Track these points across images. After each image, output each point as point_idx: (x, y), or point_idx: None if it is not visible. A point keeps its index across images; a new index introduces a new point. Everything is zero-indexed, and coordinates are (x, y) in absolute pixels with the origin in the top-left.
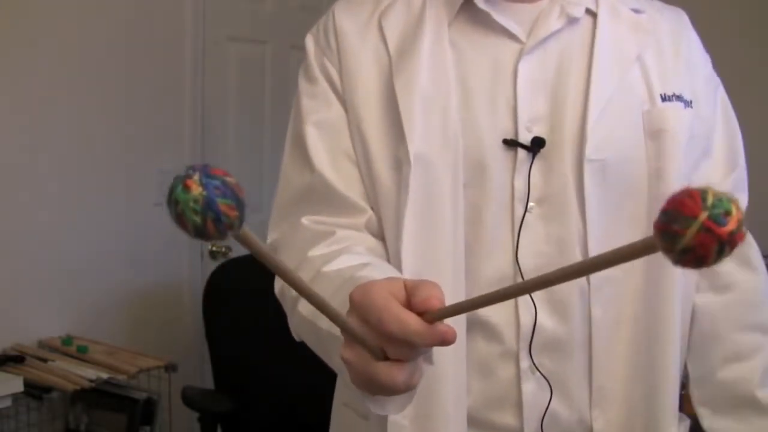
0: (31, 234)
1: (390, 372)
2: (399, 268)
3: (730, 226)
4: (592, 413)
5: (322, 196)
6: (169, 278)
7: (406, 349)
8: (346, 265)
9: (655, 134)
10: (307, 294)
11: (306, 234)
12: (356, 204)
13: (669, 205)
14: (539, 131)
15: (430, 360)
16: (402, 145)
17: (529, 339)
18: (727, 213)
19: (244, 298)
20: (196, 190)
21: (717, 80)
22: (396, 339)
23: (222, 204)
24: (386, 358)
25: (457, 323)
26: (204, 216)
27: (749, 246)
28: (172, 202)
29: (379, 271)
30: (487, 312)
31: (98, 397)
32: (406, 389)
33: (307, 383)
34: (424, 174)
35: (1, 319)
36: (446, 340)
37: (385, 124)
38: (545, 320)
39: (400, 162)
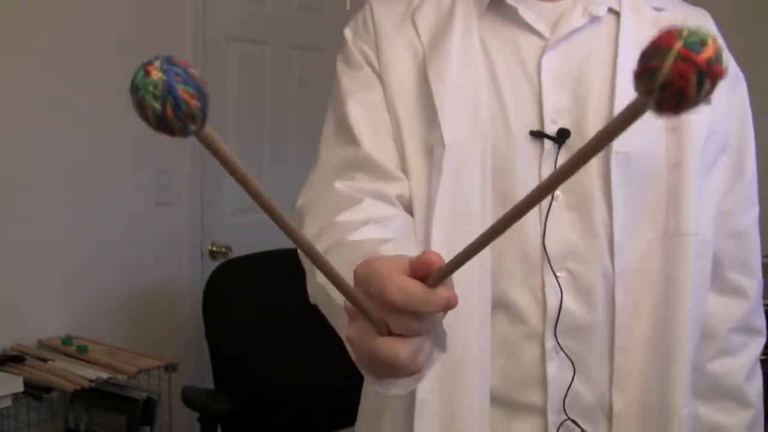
0: (31, 234)
1: (392, 346)
2: (428, 248)
3: (707, 53)
4: (612, 394)
5: (361, 166)
6: (169, 278)
7: (410, 320)
8: (370, 237)
9: (675, 129)
10: (306, 249)
11: (336, 197)
12: (393, 172)
13: (647, 45)
14: (564, 123)
15: (443, 347)
16: (435, 130)
17: (555, 321)
18: (703, 42)
19: (243, 298)
20: (156, 75)
21: (740, 75)
22: (399, 308)
23: (182, 90)
24: (390, 334)
25: (482, 304)
26: (164, 101)
27: (751, 253)
28: (133, 87)
29: (401, 248)
30: (513, 295)
31: (98, 397)
32: (409, 368)
33: (307, 383)
34: (455, 159)
35: (1, 319)
36: (449, 305)
37: (418, 111)
38: (570, 304)
39: (431, 147)
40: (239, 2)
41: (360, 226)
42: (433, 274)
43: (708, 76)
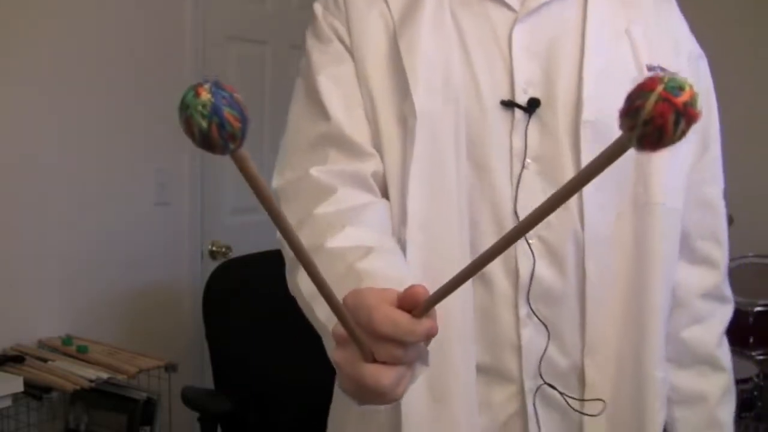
0: (31, 234)
1: (377, 373)
2: (404, 219)
3: (684, 97)
4: (584, 360)
5: (333, 141)
6: (169, 278)
7: (395, 349)
8: (350, 245)
9: None
10: (303, 259)
11: (311, 186)
12: (366, 149)
13: (632, 90)
14: (534, 93)
15: (426, 361)
16: (407, 100)
17: (527, 288)
18: (681, 88)
19: (243, 298)
20: (205, 96)
21: (700, 53)
22: (386, 337)
23: (228, 112)
24: (375, 361)
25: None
26: (210, 120)
27: (718, 223)
28: (183, 106)
29: (382, 260)
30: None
31: (98, 397)
32: (392, 395)
33: (307, 383)
34: (428, 127)
35: (1, 319)
36: (431, 334)
37: (391, 82)
38: (542, 270)
39: (405, 117)
40: (239, 2)
41: (338, 230)
42: (418, 306)
43: (684, 116)
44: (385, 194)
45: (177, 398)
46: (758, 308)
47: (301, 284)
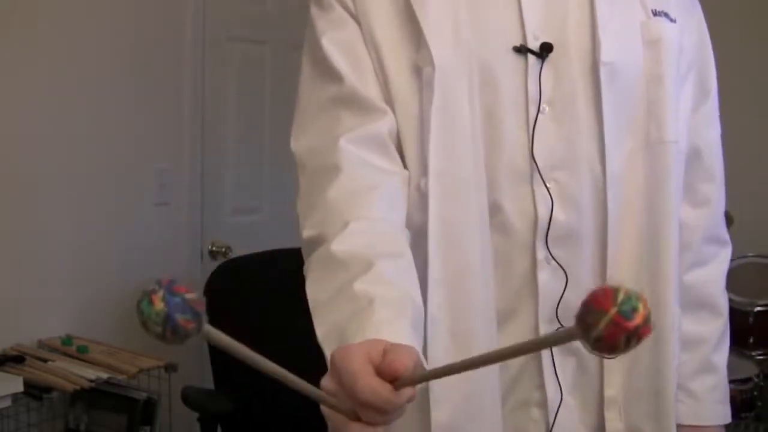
0: (31, 234)
1: None
2: (425, 170)
3: (636, 321)
4: None
5: (346, 102)
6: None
7: (377, 415)
8: (353, 250)
9: (652, 43)
10: (282, 377)
11: (322, 158)
12: (378, 105)
13: (587, 298)
14: (546, 38)
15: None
16: (422, 50)
17: (546, 231)
18: (634, 309)
19: (244, 298)
20: (159, 305)
21: (695, 2)
22: (366, 405)
23: (180, 319)
24: (359, 419)
25: (479, 216)
26: (164, 327)
27: (716, 164)
28: (138, 311)
29: (382, 280)
30: (505, 207)
31: (98, 397)
32: None
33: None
34: (442, 77)
35: (1, 319)
36: (410, 402)
37: (400, 34)
38: (560, 214)
39: (420, 68)
40: (239, 2)
41: (341, 227)
42: (402, 378)
43: (635, 337)
44: (400, 151)
45: (177, 398)
46: (758, 308)
47: (307, 290)
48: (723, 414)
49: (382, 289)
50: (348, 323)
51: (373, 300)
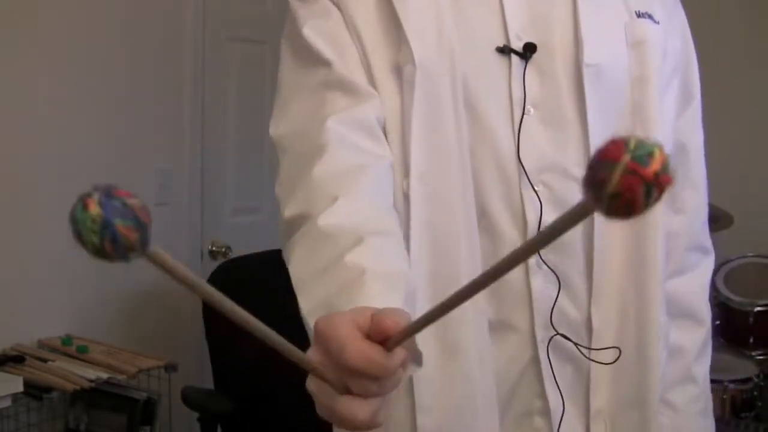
0: (31, 234)
1: (352, 407)
2: (407, 171)
3: (655, 166)
4: (591, 309)
5: (333, 85)
6: (169, 278)
7: (369, 383)
8: (341, 224)
9: (636, 45)
10: (261, 332)
11: (307, 138)
12: (366, 89)
13: (595, 155)
14: (529, 39)
15: (419, 362)
16: (404, 48)
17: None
18: (650, 155)
19: (244, 297)
20: (94, 209)
21: (676, 2)
22: (358, 372)
23: (120, 225)
24: (349, 392)
25: (467, 220)
26: (101, 236)
27: (699, 172)
28: (71, 220)
29: (373, 252)
30: (493, 212)
31: (98, 397)
32: (369, 425)
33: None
34: (425, 77)
35: (1, 319)
36: (405, 366)
37: (382, 32)
38: (549, 217)
39: (400, 67)
40: (239, 2)
41: (330, 201)
42: (392, 337)
43: (656, 186)
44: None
45: (177, 398)
46: (758, 308)
47: (290, 269)
48: (703, 427)
49: (374, 262)
50: (337, 297)
51: (364, 271)
